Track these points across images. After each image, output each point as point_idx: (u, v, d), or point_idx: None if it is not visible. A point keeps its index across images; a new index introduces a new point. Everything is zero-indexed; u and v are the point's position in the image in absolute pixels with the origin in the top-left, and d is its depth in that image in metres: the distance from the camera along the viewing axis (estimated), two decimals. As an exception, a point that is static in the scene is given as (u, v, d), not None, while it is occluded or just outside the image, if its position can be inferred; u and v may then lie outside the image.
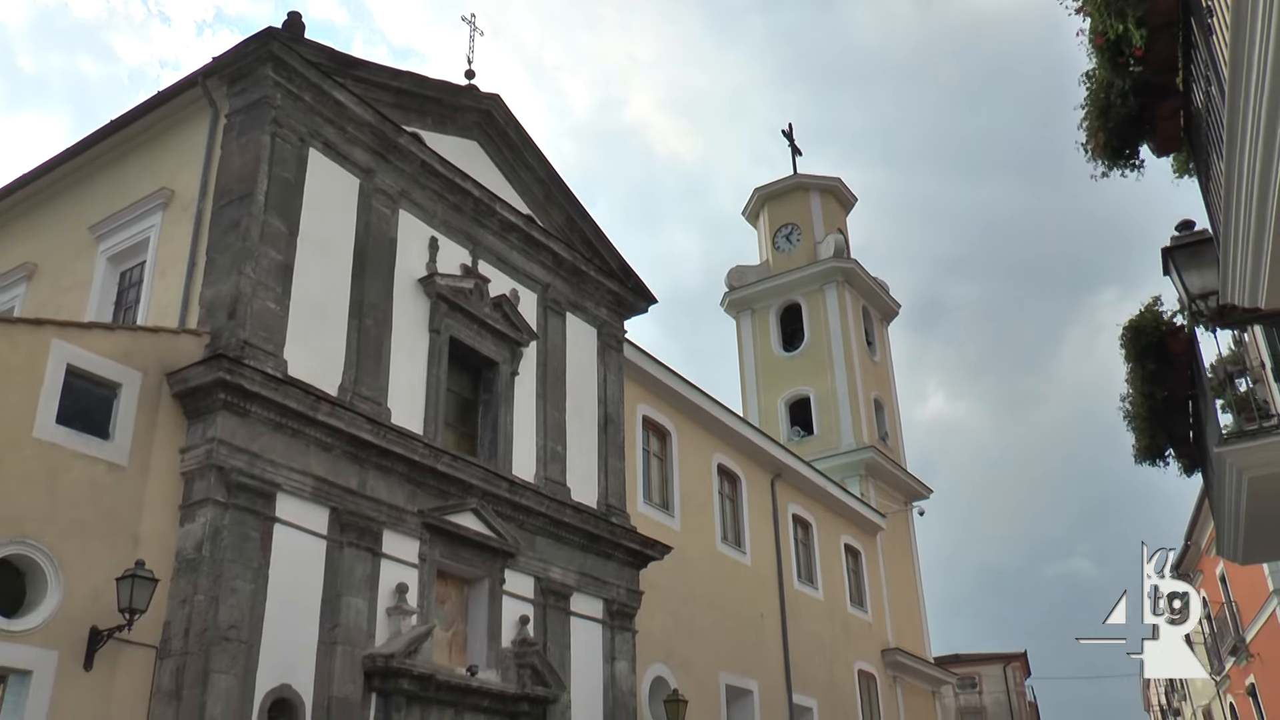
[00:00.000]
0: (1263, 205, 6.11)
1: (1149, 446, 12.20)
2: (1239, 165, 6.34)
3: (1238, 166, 6.38)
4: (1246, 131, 5.96)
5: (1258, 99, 5.55)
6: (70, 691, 12.37)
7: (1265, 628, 34.29)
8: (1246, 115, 5.87)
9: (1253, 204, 6.27)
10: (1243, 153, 6.18)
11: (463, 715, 16.61)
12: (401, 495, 16.48)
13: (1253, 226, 6.47)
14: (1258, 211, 6.24)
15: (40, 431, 12.88)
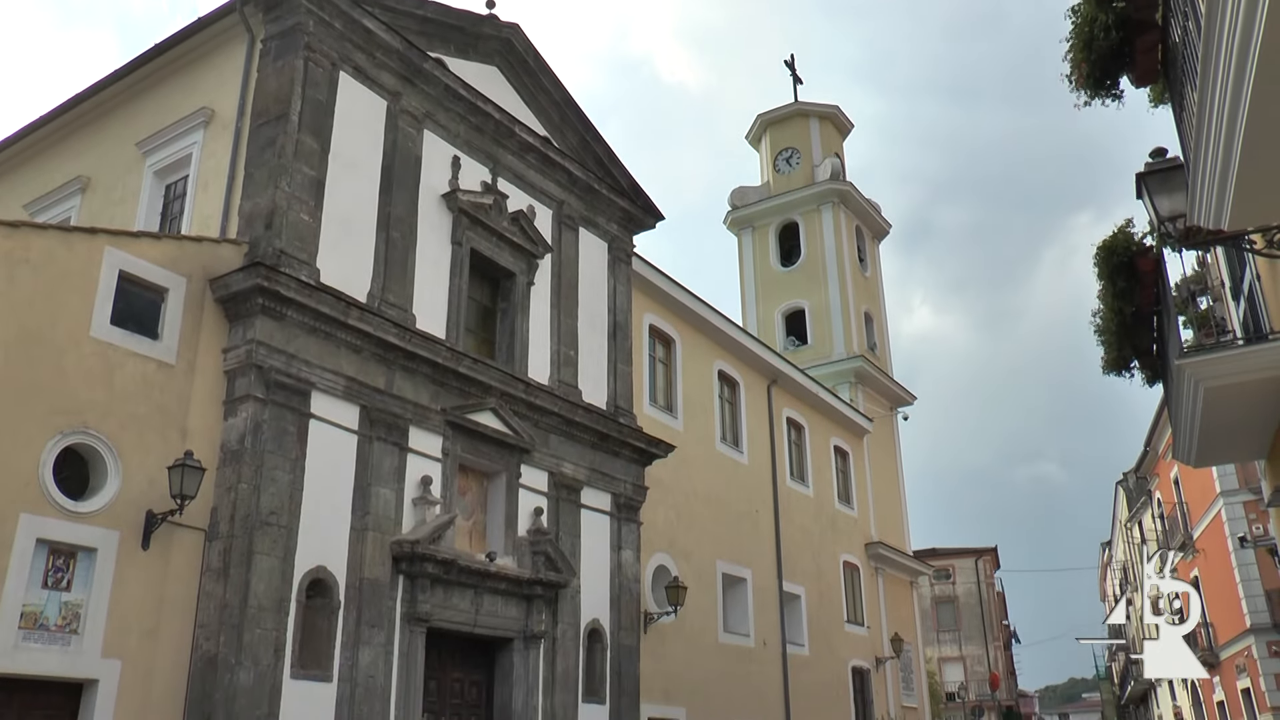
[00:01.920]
0: (1230, 134, 6.09)
1: (1116, 359, 12.23)
2: (1211, 96, 6.29)
3: (1209, 98, 6.33)
4: (1219, 65, 5.90)
5: (1230, 35, 5.50)
6: (131, 568, 12.67)
7: (1210, 526, 34.74)
8: (1220, 50, 5.81)
9: (1221, 133, 6.24)
10: (1214, 85, 6.13)
11: (482, 597, 16.94)
12: (426, 395, 16.60)
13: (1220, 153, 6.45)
14: (1225, 140, 6.22)
15: (97, 331, 12.99)
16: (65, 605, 12.07)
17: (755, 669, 25.58)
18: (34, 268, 12.55)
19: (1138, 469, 43.89)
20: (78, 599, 12.18)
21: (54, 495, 12.13)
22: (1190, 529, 36.93)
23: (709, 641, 23.99)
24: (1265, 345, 9.37)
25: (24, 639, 11.63)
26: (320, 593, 14.43)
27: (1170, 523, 39.72)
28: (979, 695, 56.69)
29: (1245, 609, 32.23)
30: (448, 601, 16.26)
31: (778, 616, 27.13)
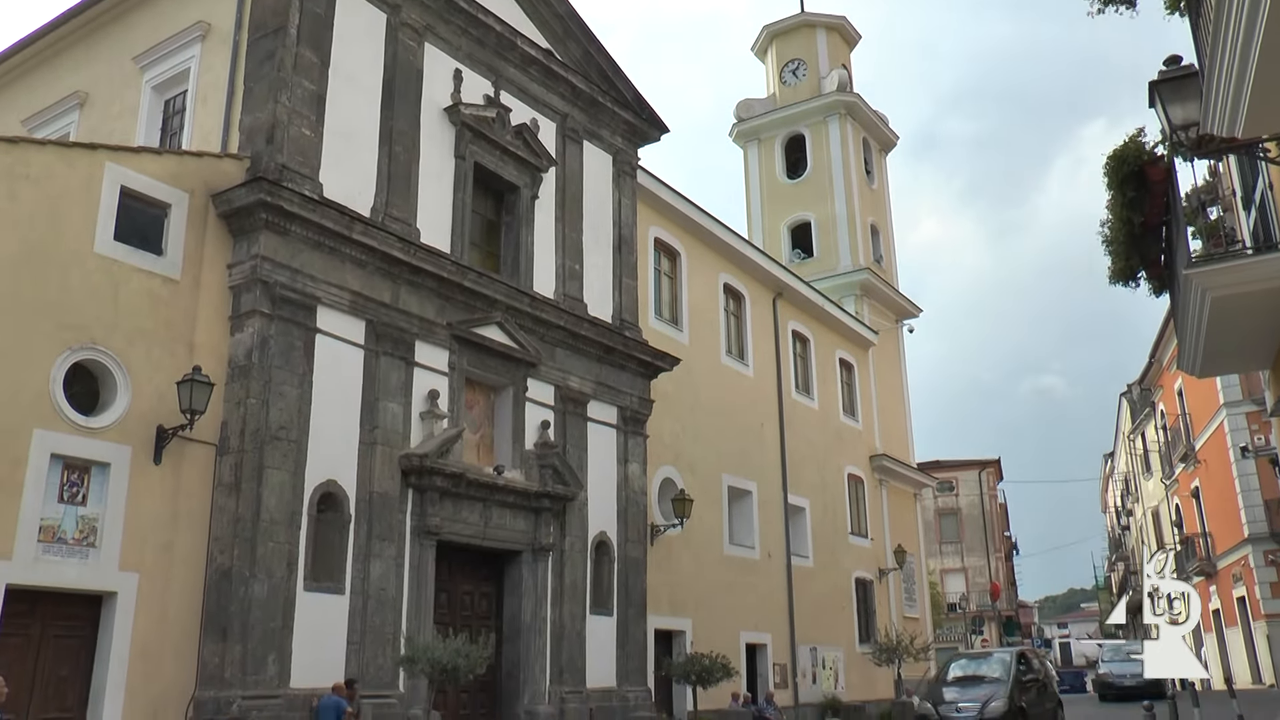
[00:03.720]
0: (1248, 39, 5.99)
1: (1123, 269, 12.17)
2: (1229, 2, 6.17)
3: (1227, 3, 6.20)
4: (1237, -34, 5.78)
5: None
6: (144, 482, 12.84)
7: (1212, 437, 34.92)
8: (1238, -50, 5.68)
9: (1239, 38, 6.14)
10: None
11: (490, 510, 17.15)
12: (431, 309, 16.61)
13: (1237, 59, 6.36)
14: (1243, 45, 6.12)
15: (100, 247, 12.98)
16: (82, 519, 12.26)
17: (760, 580, 25.98)
18: (34, 183, 12.50)
19: (1142, 381, 44.02)
20: (93, 513, 12.37)
21: (65, 411, 12.24)
22: (1192, 440, 37.16)
23: (714, 553, 24.33)
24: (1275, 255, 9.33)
25: (44, 552, 11.85)
26: (331, 506, 14.62)
27: (1173, 434, 39.95)
28: (980, 605, 57.61)
29: (1244, 519, 32.58)
30: (457, 515, 16.47)
31: (782, 528, 27.46)
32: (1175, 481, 41.32)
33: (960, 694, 18.96)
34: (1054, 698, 21.95)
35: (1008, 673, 19.45)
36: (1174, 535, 42.75)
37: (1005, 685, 18.89)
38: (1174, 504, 42.64)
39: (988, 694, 18.57)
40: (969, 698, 18.57)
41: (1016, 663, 19.97)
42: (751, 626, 25.19)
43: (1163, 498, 44.84)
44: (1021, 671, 19.89)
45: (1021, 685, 19.40)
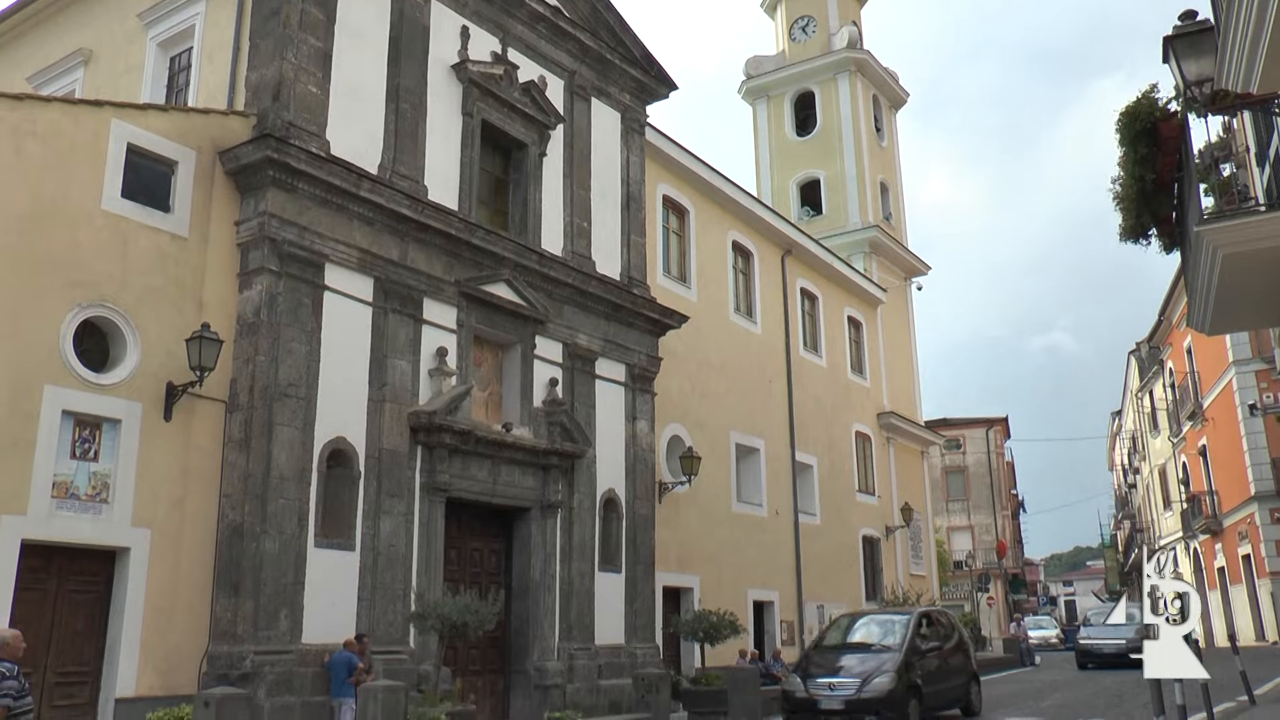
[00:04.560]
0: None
1: (1134, 226, 12.12)
2: (1244, -50, 6.07)
3: (1243, -48, 6.11)
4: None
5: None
6: (155, 439, 12.93)
7: (1221, 395, 34.88)
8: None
9: (1255, -10, 6.04)
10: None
11: (499, 467, 17.23)
12: (439, 266, 16.60)
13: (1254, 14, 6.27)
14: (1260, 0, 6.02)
15: (108, 204, 12.98)
16: (94, 475, 12.36)
17: (768, 538, 26.12)
18: (41, 140, 12.47)
19: (1151, 339, 43.90)
20: (105, 469, 12.46)
21: (76, 367, 12.30)
22: (1200, 398, 37.12)
23: (722, 511, 24.44)
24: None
25: (57, 508, 11.96)
26: (340, 463, 14.70)
27: (1181, 392, 39.91)
28: (986, 563, 57.81)
29: (1251, 476, 32.63)
30: (466, 472, 16.56)
31: (790, 486, 27.56)
32: (1183, 439, 41.33)
33: (838, 667, 15.53)
34: (966, 672, 17.66)
35: (901, 641, 15.75)
36: (1180, 493, 42.84)
37: (895, 657, 15.23)
38: (1181, 462, 42.68)
39: (871, 668, 15.03)
40: (848, 672, 15.18)
41: (915, 628, 16.26)
42: (759, 584, 25.36)
43: (1170, 456, 44.88)
44: (921, 639, 16.26)
45: (920, 656, 15.83)
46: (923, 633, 16.47)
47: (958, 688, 17.04)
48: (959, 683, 17.13)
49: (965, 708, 17.28)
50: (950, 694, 16.74)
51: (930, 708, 15.55)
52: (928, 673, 15.70)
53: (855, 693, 14.59)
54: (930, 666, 15.93)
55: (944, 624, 17.94)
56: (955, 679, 16.97)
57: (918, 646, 15.81)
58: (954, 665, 17.13)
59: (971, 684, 17.63)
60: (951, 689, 16.77)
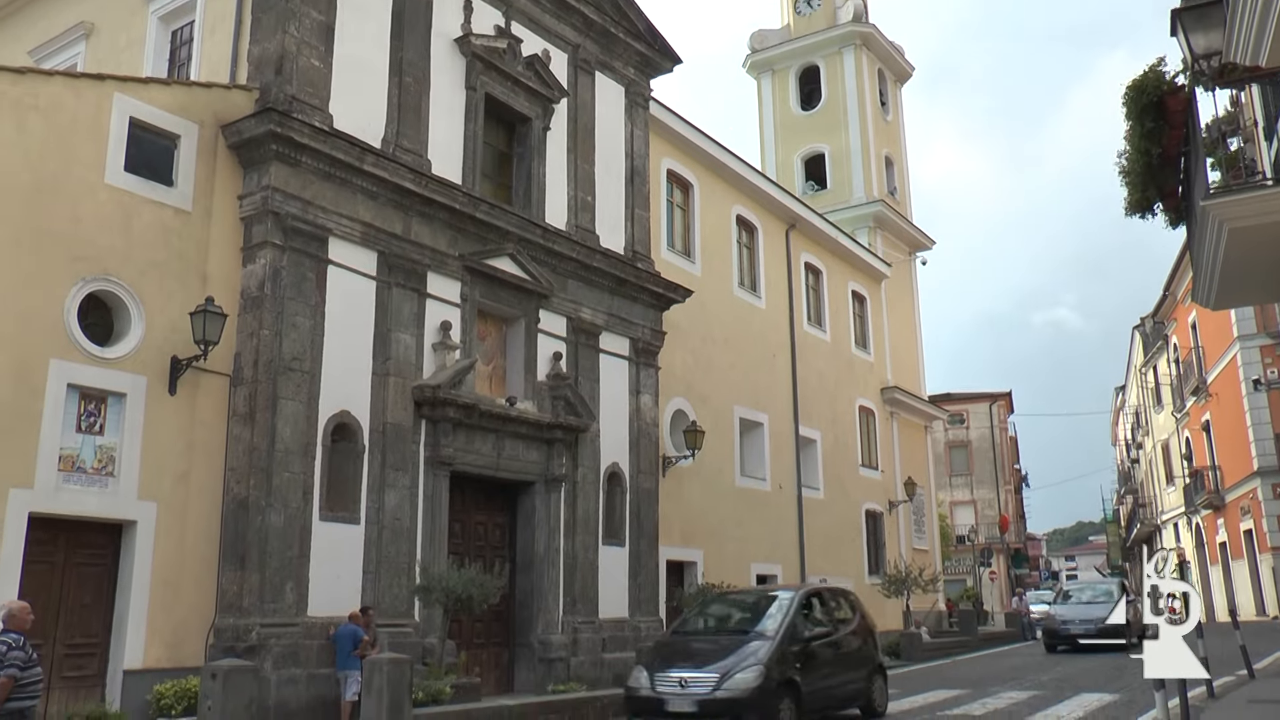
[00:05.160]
0: (1273, -39, 5.83)
1: (1140, 200, 12.09)
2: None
3: (1252, -78, 6.04)
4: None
5: None
6: (160, 412, 12.96)
7: (1225, 370, 34.85)
8: None
9: (1263, -40, 5.98)
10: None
11: (503, 441, 17.25)
12: (443, 240, 16.57)
13: (1261, -17, 6.20)
14: (1268, -32, 5.96)
15: (111, 178, 12.95)
16: (100, 449, 12.39)
17: (771, 512, 26.18)
18: (43, 115, 12.44)
19: (1155, 314, 43.83)
20: (111, 443, 12.49)
21: (80, 341, 12.32)
22: (1204, 373, 37.08)
23: (726, 485, 24.49)
24: (1295, 185, 9.21)
25: (64, 481, 12.00)
26: (345, 437, 14.73)
27: (1185, 367, 39.86)
28: (988, 538, 57.98)
29: (1254, 452, 32.64)
30: (470, 445, 16.59)
31: (793, 460, 27.60)
32: (1186, 414, 41.31)
33: (695, 657, 12.57)
34: (866, 664, 14.56)
35: (778, 626, 12.88)
36: (1183, 468, 42.86)
37: (766, 646, 12.34)
38: (1184, 437, 42.69)
39: (734, 660, 12.08)
40: (706, 665, 12.21)
41: (798, 610, 13.35)
42: (762, 558, 25.44)
43: (1173, 431, 44.87)
44: (807, 623, 13.40)
45: (803, 645, 12.94)
46: (812, 615, 13.74)
47: (854, 683, 14.03)
48: (856, 677, 14.11)
49: (866, 707, 14.30)
50: (843, 691, 13.83)
51: (815, 709, 12.86)
52: (812, 665, 12.88)
53: (711, 691, 11.75)
54: (817, 657, 13.10)
55: (839, 605, 15.06)
56: (851, 673, 14.01)
57: (799, 633, 12.94)
58: (850, 656, 14.18)
59: (874, 678, 14.56)
60: (845, 685, 13.83)
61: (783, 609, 13.30)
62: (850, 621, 14.75)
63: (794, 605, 13.34)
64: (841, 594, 15.77)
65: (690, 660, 12.45)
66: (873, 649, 15.04)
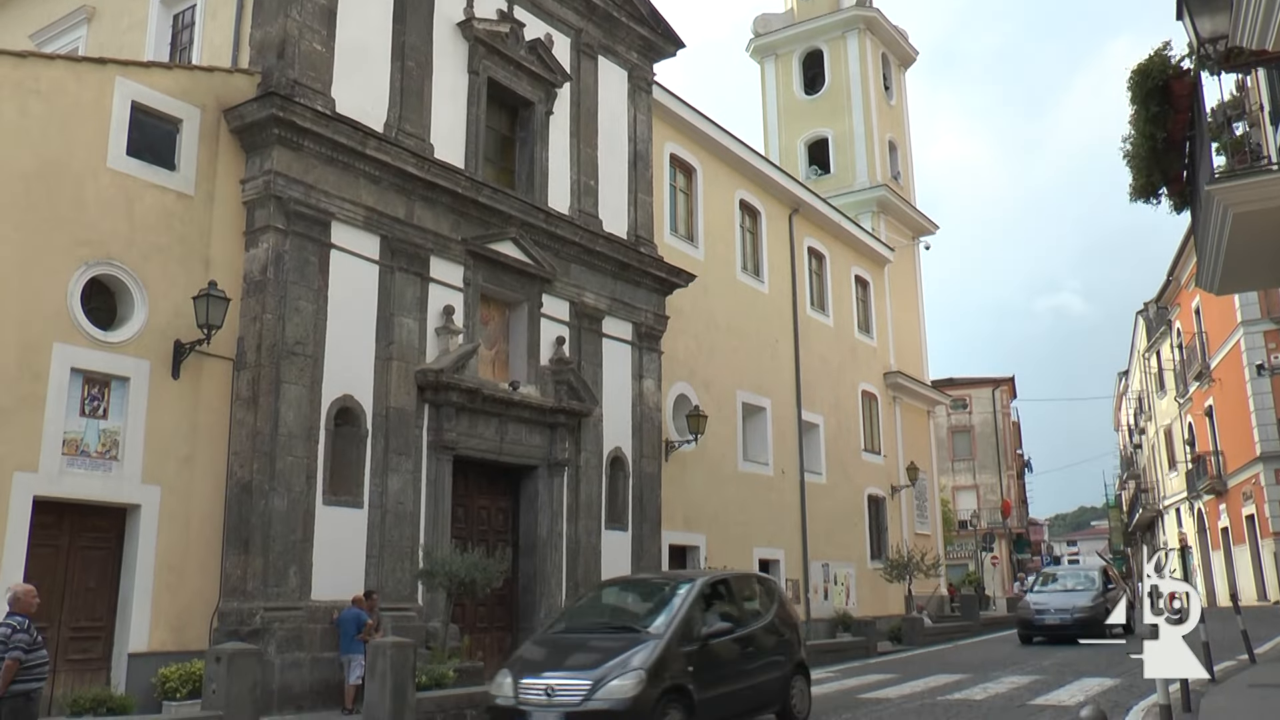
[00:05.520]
0: (1280, -56, 5.79)
1: (1144, 185, 12.05)
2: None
3: (1260, -96, 6.00)
4: None
5: None
6: (163, 397, 12.98)
7: (1228, 355, 34.79)
8: None
9: (1271, -58, 5.93)
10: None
11: (506, 425, 17.26)
12: (446, 225, 16.55)
13: (1268, -34, 6.15)
14: (1275, -50, 5.92)
15: (114, 162, 12.94)
16: (104, 433, 12.41)
17: (774, 497, 26.20)
18: (45, 99, 12.42)
19: (1159, 299, 43.74)
20: (115, 426, 12.51)
21: (84, 325, 12.33)
22: (1208, 358, 37.04)
23: (729, 470, 24.51)
24: (1300, 170, 9.18)
25: (68, 465, 12.03)
26: (348, 421, 14.75)
27: (1188, 352, 39.81)
28: (990, 523, 58.01)
29: (1257, 437, 32.60)
30: (473, 430, 16.60)
31: (796, 445, 27.60)
32: (1189, 400, 41.28)
33: (567, 660, 10.42)
34: (784, 664, 12.21)
35: (669, 621, 10.64)
36: (1186, 453, 42.85)
37: (651, 647, 10.13)
38: (1187, 422, 42.67)
39: (611, 664, 9.91)
40: (579, 669, 10.09)
41: (693, 605, 11.00)
42: (765, 542, 25.47)
43: (1176, 416, 44.85)
44: (701, 620, 10.97)
45: (700, 645, 10.66)
46: (715, 608, 11.49)
47: (767, 686, 11.70)
48: (770, 679, 11.77)
49: (783, 712, 12.08)
50: (753, 697, 11.52)
51: (714, 718, 10.68)
52: (711, 667, 10.66)
53: (581, 701, 9.74)
54: (718, 658, 10.90)
55: (753, 595, 12.79)
56: (763, 674, 11.68)
57: (695, 629, 10.70)
58: (763, 654, 11.85)
59: (795, 679, 12.30)
60: (756, 689, 11.49)
61: (677, 602, 11.02)
62: (764, 614, 12.38)
63: (690, 598, 11.04)
64: (757, 581, 13.52)
65: (563, 664, 10.32)
66: (794, 644, 12.67)
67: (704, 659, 10.64)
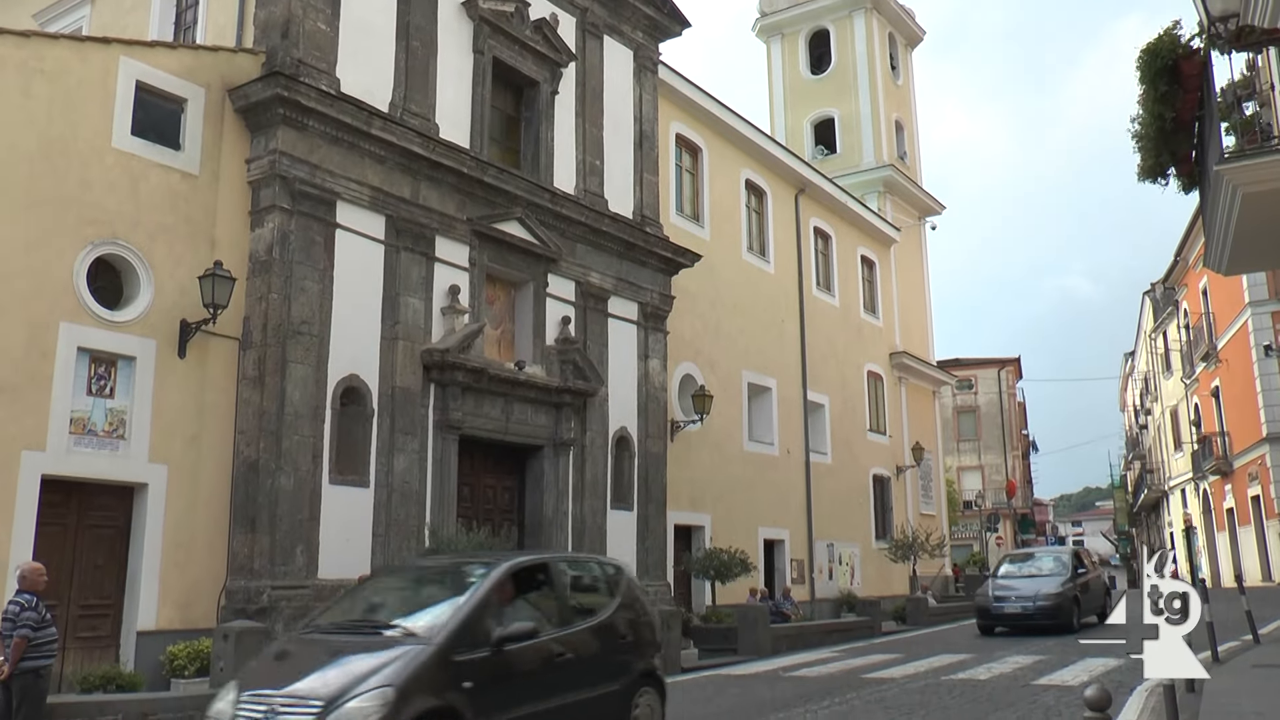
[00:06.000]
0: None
1: (1153, 165, 11.98)
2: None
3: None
4: None
5: None
6: (170, 376, 13.00)
7: (1235, 336, 34.67)
8: None
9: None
10: None
11: (512, 405, 17.28)
12: (452, 204, 16.52)
13: (1280, -57, 6.09)
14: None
15: (119, 142, 12.92)
16: (111, 412, 12.44)
17: (779, 477, 26.22)
18: (49, 79, 12.38)
19: (1166, 279, 43.57)
20: (121, 405, 12.54)
21: (90, 304, 12.33)
22: (1215, 339, 36.92)
23: (734, 450, 24.52)
24: (1310, 150, 9.12)
25: (75, 444, 12.06)
26: (354, 400, 14.76)
27: (1195, 333, 39.69)
28: (995, 503, 58.04)
29: (1263, 418, 32.51)
30: (479, 409, 16.62)
31: (802, 425, 27.61)
32: (1195, 380, 41.18)
33: (299, 680, 7.40)
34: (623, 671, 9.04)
35: (442, 624, 7.65)
36: (1192, 434, 42.78)
37: (411, 658, 7.26)
38: (1193, 403, 42.57)
39: (352, 683, 7.05)
40: (314, 690, 7.16)
41: (484, 599, 7.94)
42: (770, 522, 25.52)
43: (1182, 397, 44.75)
44: (496, 619, 7.90)
45: (487, 653, 7.66)
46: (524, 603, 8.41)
47: (595, 706, 8.66)
48: (599, 695, 8.68)
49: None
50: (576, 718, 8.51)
51: None
52: (503, 683, 7.71)
53: None
54: (517, 670, 7.86)
55: (587, 585, 9.68)
56: (588, 690, 8.55)
57: (484, 632, 7.71)
58: (591, 664, 8.68)
59: (640, 695, 9.11)
60: (575, 710, 8.42)
61: (464, 595, 7.93)
62: (601, 609, 9.21)
63: (482, 590, 7.95)
64: (597, 566, 10.32)
65: (299, 676, 7.45)
66: (643, 648, 9.48)
67: (494, 671, 7.64)
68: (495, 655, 7.72)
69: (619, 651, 9.19)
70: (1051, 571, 21.65)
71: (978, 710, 11.06)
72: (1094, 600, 22.07)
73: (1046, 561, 22.69)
